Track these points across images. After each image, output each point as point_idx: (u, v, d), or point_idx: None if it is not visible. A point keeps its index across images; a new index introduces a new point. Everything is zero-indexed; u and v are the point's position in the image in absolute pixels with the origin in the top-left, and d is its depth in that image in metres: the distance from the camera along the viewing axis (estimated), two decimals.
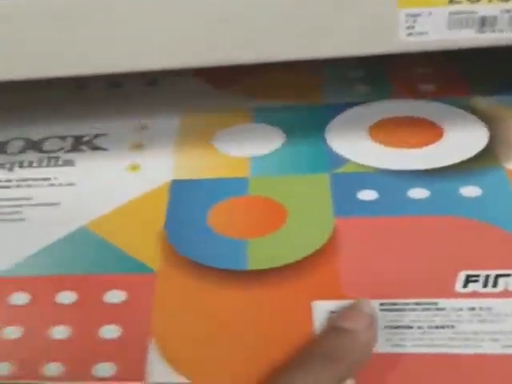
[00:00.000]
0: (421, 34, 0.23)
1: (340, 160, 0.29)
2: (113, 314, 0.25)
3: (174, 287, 0.25)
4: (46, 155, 0.32)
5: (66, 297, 0.26)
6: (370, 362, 0.21)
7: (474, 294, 0.23)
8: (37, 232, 0.28)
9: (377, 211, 0.26)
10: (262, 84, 0.35)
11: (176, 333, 0.24)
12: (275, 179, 0.29)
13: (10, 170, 0.31)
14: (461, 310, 0.23)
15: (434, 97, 0.32)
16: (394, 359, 0.22)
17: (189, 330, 0.24)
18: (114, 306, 0.25)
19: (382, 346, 0.22)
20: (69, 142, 0.32)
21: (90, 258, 0.27)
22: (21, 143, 0.32)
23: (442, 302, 0.23)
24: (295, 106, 0.33)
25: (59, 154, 0.32)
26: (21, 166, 0.31)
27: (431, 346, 0.22)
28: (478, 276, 0.23)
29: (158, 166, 0.30)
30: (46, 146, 0.32)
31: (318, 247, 0.25)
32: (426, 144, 0.29)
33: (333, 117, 0.31)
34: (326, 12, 0.23)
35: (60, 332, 0.24)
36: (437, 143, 0.29)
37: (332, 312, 0.23)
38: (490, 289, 0.23)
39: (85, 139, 0.32)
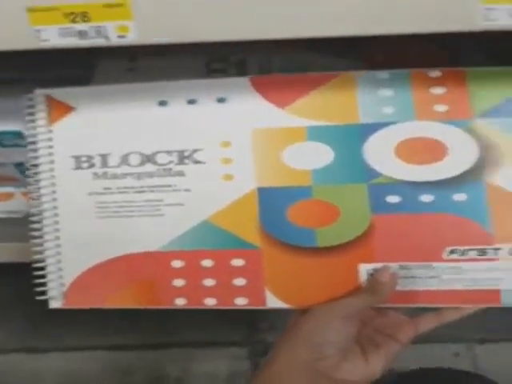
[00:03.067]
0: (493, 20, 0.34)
1: (374, 173, 0.43)
2: (239, 271, 0.43)
3: (273, 257, 0.43)
4: (162, 167, 0.45)
5: (208, 262, 0.43)
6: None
7: (454, 260, 0.41)
8: (176, 222, 0.44)
9: (399, 210, 0.42)
10: (310, 105, 0.43)
11: (276, 281, 0.42)
12: (331, 187, 0.43)
13: (139, 179, 0.45)
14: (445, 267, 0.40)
15: (445, 118, 0.42)
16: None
17: (284, 280, 0.42)
18: (239, 267, 0.43)
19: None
20: (175, 157, 0.45)
21: (216, 239, 0.43)
22: (138, 157, 0.45)
23: (435, 264, 0.41)
24: (338, 125, 0.43)
25: (171, 166, 0.45)
26: (146, 176, 0.45)
27: (427, 285, 0.42)
28: (458, 249, 0.41)
29: (244, 176, 0.44)
30: (158, 159, 0.45)
31: (360, 233, 0.42)
32: (434, 161, 0.42)
33: (368, 136, 0.43)
34: None
35: (209, 282, 0.44)
36: (442, 160, 0.42)
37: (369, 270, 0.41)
38: (463, 256, 0.41)
39: (186, 154, 0.45)
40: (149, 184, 0.45)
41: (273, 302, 0.44)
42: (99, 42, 0.36)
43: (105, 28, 0.36)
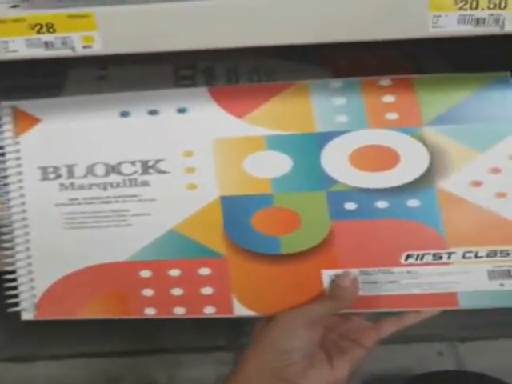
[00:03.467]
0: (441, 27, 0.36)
1: (331, 181, 0.44)
2: (206, 280, 0.44)
3: (239, 265, 0.44)
4: (127, 177, 0.46)
5: (175, 271, 0.45)
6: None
7: (411, 264, 0.42)
8: (143, 232, 0.45)
9: (356, 216, 0.43)
10: (268, 114, 0.45)
11: (243, 289, 0.44)
12: (291, 195, 0.44)
13: (105, 189, 0.46)
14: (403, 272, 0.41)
15: (397, 125, 0.44)
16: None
17: (250, 288, 0.44)
18: (206, 276, 0.45)
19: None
20: (139, 167, 0.46)
21: (182, 248, 0.44)
22: (103, 167, 0.46)
23: (393, 269, 0.42)
24: (295, 134, 0.44)
25: (136, 176, 0.46)
26: (111, 186, 0.46)
27: (387, 290, 0.43)
28: (414, 254, 0.42)
29: (207, 185, 0.45)
30: (123, 169, 0.46)
31: (321, 240, 0.43)
32: (387, 168, 0.44)
33: (325, 144, 0.44)
34: None
35: (177, 291, 0.45)
36: (395, 167, 0.44)
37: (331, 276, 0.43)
38: (419, 261, 0.42)
39: (149, 164, 0.46)
40: (115, 194, 0.46)
41: (240, 310, 0.45)
42: (65, 52, 0.37)
43: (70, 39, 0.37)
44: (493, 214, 0.43)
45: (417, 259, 0.43)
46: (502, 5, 0.36)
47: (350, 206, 0.44)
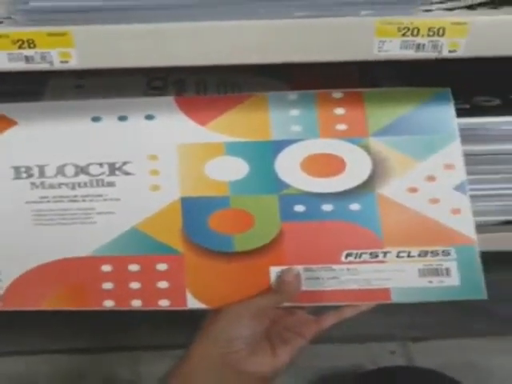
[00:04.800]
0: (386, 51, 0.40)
1: (284, 185, 0.48)
2: (163, 275, 0.47)
3: (194, 262, 0.47)
4: (94, 178, 0.49)
5: (134, 266, 0.48)
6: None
7: (350, 262, 0.46)
8: (106, 229, 0.48)
9: (304, 218, 0.47)
10: (228, 122, 0.48)
11: (196, 283, 0.47)
12: (247, 197, 0.48)
13: (73, 188, 0.49)
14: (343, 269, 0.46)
15: (345, 136, 0.48)
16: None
17: (204, 283, 0.47)
18: (163, 271, 0.47)
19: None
20: (106, 168, 0.49)
21: (143, 245, 0.47)
22: (73, 168, 0.49)
23: (334, 266, 0.46)
24: (252, 141, 0.48)
25: (103, 177, 0.49)
26: (79, 186, 0.49)
27: (328, 286, 0.47)
28: (353, 253, 0.46)
29: (169, 187, 0.48)
30: (91, 170, 0.49)
31: (271, 239, 0.47)
32: (334, 174, 0.48)
33: (279, 151, 0.48)
34: None
35: (135, 285, 0.48)
36: (341, 174, 0.48)
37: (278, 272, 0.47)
38: (357, 259, 0.47)
39: (116, 166, 0.49)
40: (82, 193, 0.49)
41: (193, 303, 0.48)
42: (44, 66, 0.40)
43: (49, 54, 0.40)
44: (426, 217, 0.47)
45: (356, 257, 0.47)
46: (441, 32, 0.41)
47: (299, 208, 0.48)
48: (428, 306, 0.88)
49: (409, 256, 0.47)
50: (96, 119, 0.49)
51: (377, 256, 0.47)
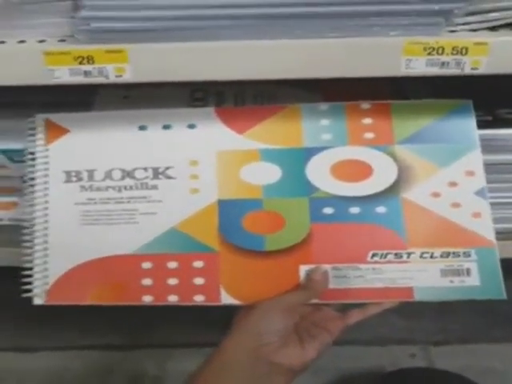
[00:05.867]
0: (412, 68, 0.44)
1: (314, 189, 0.51)
2: (199, 272, 0.50)
3: (228, 260, 0.51)
4: (139, 181, 0.53)
5: (173, 264, 0.51)
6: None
7: (376, 262, 0.50)
8: (148, 229, 0.52)
9: (332, 219, 0.51)
10: (263, 131, 0.52)
11: (230, 280, 0.50)
12: (278, 200, 0.51)
13: (119, 191, 0.53)
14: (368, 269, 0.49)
15: (372, 143, 0.51)
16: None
17: (237, 280, 0.50)
18: (199, 268, 0.51)
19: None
20: (150, 173, 0.53)
21: (181, 244, 0.51)
22: (120, 172, 0.53)
23: (360, 265, 0.49)
24: (285, 148, 0.52)
25: (147, 180, 0.53)
26: (125, 189, 0.53)
27: (354, 284, 0.49)
28: (379, 253, 0.50)
29: (208, 190, 0.52)
30: (137, 174, 0.53)
31: (301, 239, 0.51)
32: (362, 179, 0.51)
33: (310, 157, 0.51)
34: None
35: (173, 281, 0.51)
36: (368, 178, 0.51)
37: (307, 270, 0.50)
38: (383, 259, 0.50)
39: (160, 170, 0.53)
40: (127, 196, 0.53)
41: (226, 298, 0.51)
42: (100, 80, 0.45)
43: (105, 69, 0.44)
44: (448, 220, 0.50)
45: (381, 257, 0.50)
46: (464, 51, 0.44)
47: (328, 210, 0.51)
48: (450, 310, 0.89)
49: (431, 257, 0.49)
50: (142, 128, 0.53)
51: (401, 256, 0.50)
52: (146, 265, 0.52)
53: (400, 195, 0.51)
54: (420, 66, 0.44)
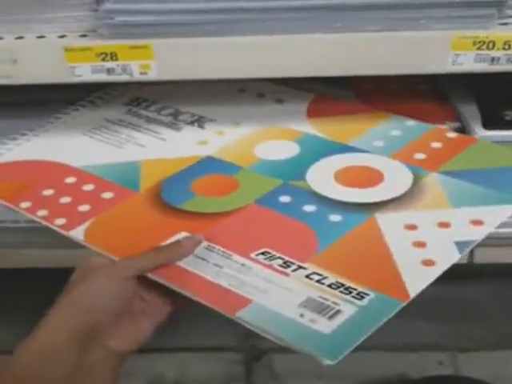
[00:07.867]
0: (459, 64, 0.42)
1: (301, 179, 0.46)
2: (101, 203, 0.45)
3: (135, 203, 0.46)
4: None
5: (88, 187, 0.47)
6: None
7: (255, 260, 0.40)
8: (119, 156, 0.51)
9: (272, 206, 0.44)
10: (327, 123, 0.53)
11: (110, 220, 0.45)
12: (256, 175, 0.48)
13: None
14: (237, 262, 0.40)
15: (416, 164, 0.46)
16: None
17: (117, 225, 0.44)
18: (107, 199, 0.46)
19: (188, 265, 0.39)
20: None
21: (120, 176, 0.48)
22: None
23: (234, 256, 0.40)
24: (329, 140, 0.51)
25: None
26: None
27: (201, 271, 0.39)
28: (269, 253, 0.40)
29: (210, 148, 0.51)
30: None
31: (223, 211, 0.44)
32: (372, 185, 0.45)
33: (336, 154, 0.49)
34: None
35: (65, 199, 0.46)
36: (378, 185, 0.45)
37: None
38: (266, 261, 0.40)
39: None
40: (148, 127, 0.54)
41: (78, 234, 0.43)
42: (124, 78, 0.43)
43: (129, 66, 0.42)
44: (388, 257, 0.39)
45: (266, 259, 0.39)
46: None
47: (284, 199, 0.45)
48: (477, 316, 0.86)
49: (319, 281, 0.37)
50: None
51: (288, 266, 0.39)
52: (70, 180, 0.48)
53: (373, 214, 0.42)
54: (468, 62, 0.42)
